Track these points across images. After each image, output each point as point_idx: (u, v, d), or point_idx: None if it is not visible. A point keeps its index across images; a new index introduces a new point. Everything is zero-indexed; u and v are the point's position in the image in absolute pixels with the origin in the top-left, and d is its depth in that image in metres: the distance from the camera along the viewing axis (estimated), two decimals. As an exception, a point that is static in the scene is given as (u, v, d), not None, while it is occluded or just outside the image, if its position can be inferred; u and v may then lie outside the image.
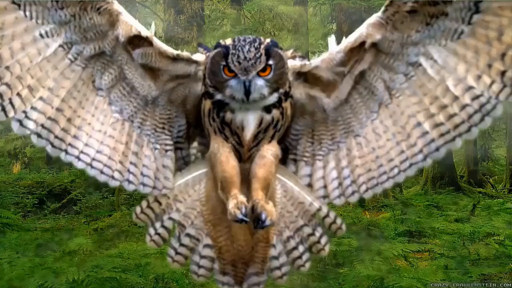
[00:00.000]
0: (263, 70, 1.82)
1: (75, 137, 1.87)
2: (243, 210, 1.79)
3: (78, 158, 1.88)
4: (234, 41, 1.84)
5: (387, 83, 1.88)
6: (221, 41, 1.88)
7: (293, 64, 1.95)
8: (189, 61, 1.96)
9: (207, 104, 1.93)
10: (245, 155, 1.96)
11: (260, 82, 1.83)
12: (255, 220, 1.80)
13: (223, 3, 14.18)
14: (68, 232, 7.54)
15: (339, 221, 2.08)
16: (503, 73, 1.72)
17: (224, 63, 1.82)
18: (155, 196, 2.00)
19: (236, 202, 1.81)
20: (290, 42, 12.89)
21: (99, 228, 8.06)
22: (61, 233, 7.50)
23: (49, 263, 5.55)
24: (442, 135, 1.82)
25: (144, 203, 2.02)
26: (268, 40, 1.87)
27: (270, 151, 1.95)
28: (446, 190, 13.13)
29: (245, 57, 1.79)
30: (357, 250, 6.48)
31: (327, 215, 2.07)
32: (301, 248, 2.06)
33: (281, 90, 1.90)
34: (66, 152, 1.87)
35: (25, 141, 15.59)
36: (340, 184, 2.01)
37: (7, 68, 1.77)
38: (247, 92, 1.81)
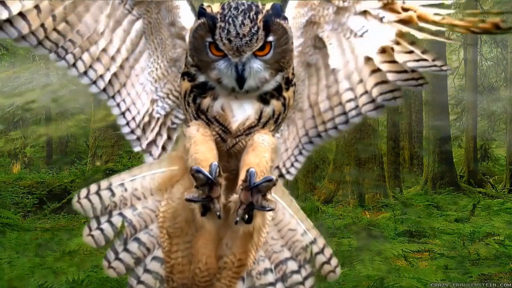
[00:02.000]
0: (261, 48, 1.44)
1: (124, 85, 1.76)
2: (213, 169, 1.38)
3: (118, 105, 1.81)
4: (223, 9, 1.43)
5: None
6: (206, 7, 1.47)
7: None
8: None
9: (184, 85, 1.57)
10: (230, 142, 1.57)
11: (256, 64, 1.46)
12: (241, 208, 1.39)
13: None
14: (68, 232, 7.53)
15: (334, 262, 1.66)
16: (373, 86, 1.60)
17: (210, 39, 1.43)
18: (110, 183, 1.63)
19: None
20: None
21: (99, 228, 8.04)
22: (61, 233, 7.49)
23: (49, 263, 5.54)
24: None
25: (93, 187, 1.63)
26: (267, 7, 1.46)
27: (264, 137, 1.55)
28: (446, 190, 13.13)
29: (238, 33, 1.39)
30: (357, 250, 6.48)
31: (321, 251, 1.66)
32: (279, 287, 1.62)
33: (284, 73, 1.53)
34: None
35: (25, 141, 15.59)
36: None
37: (77, 32, 1.62)
38: (240, 78, 1.45)
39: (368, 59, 1.60)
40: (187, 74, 1.57)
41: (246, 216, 1.39)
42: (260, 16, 1.41)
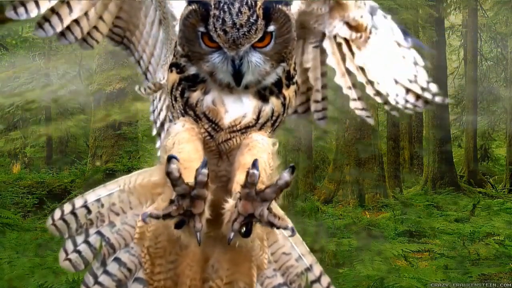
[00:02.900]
0: (260, 39, 1.29)
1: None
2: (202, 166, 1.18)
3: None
4: None
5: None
6: None
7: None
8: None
9: (172, 77, 1.41)
10: (220, 138, 1.38)
11: (255, 58, 1.31)
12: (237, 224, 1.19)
13: None
14: (68, 232, 7.52)
15: None
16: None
17: (203, 29, 1.28)
18: (85, 200, 1.49)
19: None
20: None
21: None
22: (61, 233, 7.49)
23: (49, 263, 5.53)
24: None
25: (67, 207, 1.49)
26: None
27: (261, 136, 1.39)
28: (446, 190, 13.13)
29: (234, 23, 1.23)
30: (357, 250, 6.47)
31: (317, 280, 1.52)
32: None
33: (285, 65, 1.37)
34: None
35: (25, 141, 15.58)
36: None
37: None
38: (238, 73, 1.30)
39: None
40: (175, 65, 1.40)
41: (244, 229, 1.18)
42: (259, 3, 1.25)
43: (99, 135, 10.85)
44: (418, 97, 1.60)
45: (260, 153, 1.33)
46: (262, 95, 1.37)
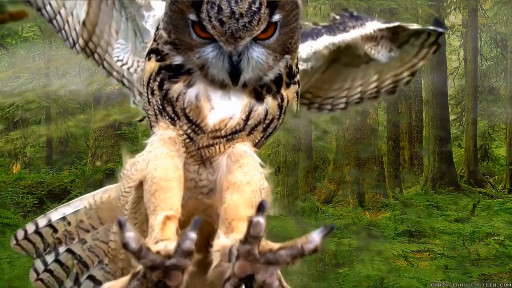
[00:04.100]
0: (263, 31, 1.08)
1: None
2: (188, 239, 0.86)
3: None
4: None
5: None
6: None
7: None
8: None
9: (149, 65, 1.19)
10: (201, 142, 1.17)
11: (257, 53, 1.11)
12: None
13: None
14: (68, 232, 7.53)
15: None
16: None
17: (194, 17, 1.07)
18: (49, 219, 1.39)
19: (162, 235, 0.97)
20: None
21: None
22: (61, 233, 7.49)
23: (49, 263, 5.54)
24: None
25: (30, 227, 1.39)
26: None
27: (250, 150, 1.17)
28: (446, 190, 13.13)
29: (233, 12, 1.02)
30: (357, 250, 6.47)
31: None
32: None
33: (289, 58, 1.17)
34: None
35: (25, 141, 15.58)
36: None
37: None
38: (235, 71, 1.10)
39: None
40: (155, 51, 1.18)
41: None
42: None
43: (99, 135, 10.85)
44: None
45: (253, 171, 1.10)
46: (258, 93, 1.16)
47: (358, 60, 1.59)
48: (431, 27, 1.66)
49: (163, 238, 0.96)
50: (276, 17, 1.07)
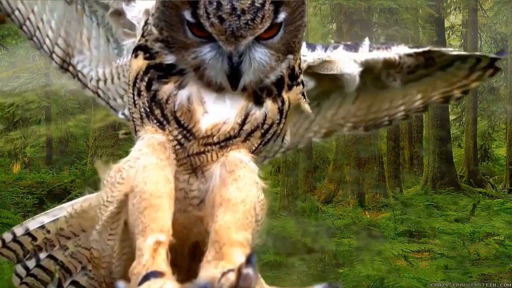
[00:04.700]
0: (267, 29, 0.99)
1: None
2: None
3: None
4: None
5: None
6: None
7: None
8: None
9: (136, 63, 1.09)
10: (191, 150, 1.08)
11: (259, 53, 1.02)
12: None
13: None
14: (68, 232, 7.53)
15: None
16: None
17: (189, 16, 0.97)
18: (26, 228, 1.36)
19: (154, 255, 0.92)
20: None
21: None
22: (61, 233, 7.49)
23: (49, 263, 5.54)
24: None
25: (7, 236, 1.37)
26: None
27: (246, 158, 1.08)
28: (446, 190, 13.14)
29: (234, 8, 0.92)
30: (357, 250, 6.48)
31: None
32: None
33: (292, 58, 1.08)
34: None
35: (25, 141, 15.59)
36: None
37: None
38: (235, 74, 1.01)
39: None
40: (143, 48, 1.08)
41: None
42: None
43: (99, 135, 10.86)
44: None
45: (249, 187, 1.02)
46: (257, 96, 1.07)
47: (387, 81, 1.46)
48: (477, 53, 1.53)
49: (155, 269, 0.90)
50: (282, 15, 0.98)
